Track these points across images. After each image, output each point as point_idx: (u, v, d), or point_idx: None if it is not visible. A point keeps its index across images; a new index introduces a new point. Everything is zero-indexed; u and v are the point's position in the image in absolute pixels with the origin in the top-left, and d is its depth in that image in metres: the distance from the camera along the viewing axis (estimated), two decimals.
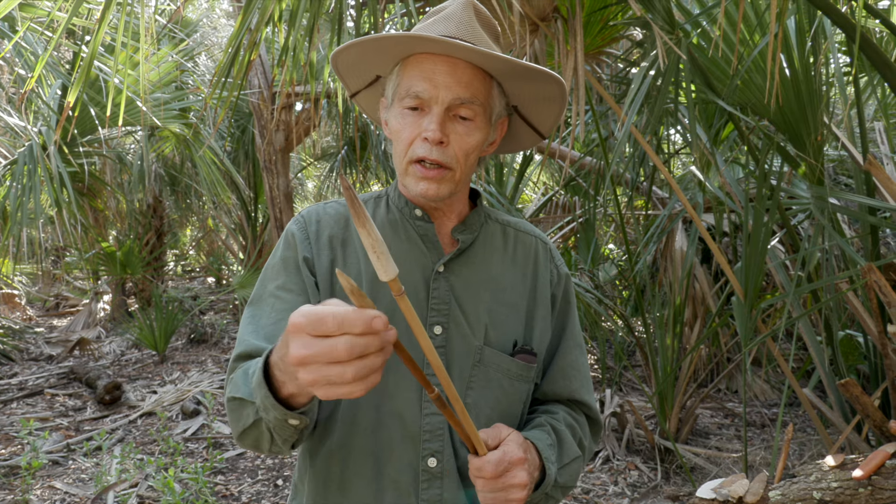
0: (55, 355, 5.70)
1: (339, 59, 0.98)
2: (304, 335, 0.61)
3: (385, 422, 0.92)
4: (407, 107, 0.92)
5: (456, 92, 0.90)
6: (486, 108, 0.94)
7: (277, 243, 1.01)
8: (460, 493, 0.92)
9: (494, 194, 3.80)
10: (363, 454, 0.92)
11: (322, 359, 0.60)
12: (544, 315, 1.04)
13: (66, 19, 2.03)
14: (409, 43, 0.90)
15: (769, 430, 3.78)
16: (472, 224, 1.03)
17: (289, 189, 6.16)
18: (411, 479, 0.91)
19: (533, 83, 0.97)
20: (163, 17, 6.36)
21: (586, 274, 5.36)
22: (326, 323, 0.60)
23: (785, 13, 1.82)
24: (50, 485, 3.11)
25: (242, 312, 6.48)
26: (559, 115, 1.03)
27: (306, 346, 0.60)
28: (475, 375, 0.95)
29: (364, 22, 2.59)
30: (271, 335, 0.90)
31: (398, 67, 0.94)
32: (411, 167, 0.93)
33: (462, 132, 0.92)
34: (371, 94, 1.06)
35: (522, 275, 1.04)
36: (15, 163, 4.61)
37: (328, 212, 1.02)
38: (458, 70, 0.90)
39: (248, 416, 0.81)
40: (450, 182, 0.94)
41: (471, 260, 1.00)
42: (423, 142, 0.91)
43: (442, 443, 0.92)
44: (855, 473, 1.51)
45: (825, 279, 2.35)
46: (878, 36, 3.20)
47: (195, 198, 7.78)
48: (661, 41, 2.02)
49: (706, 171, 3.35)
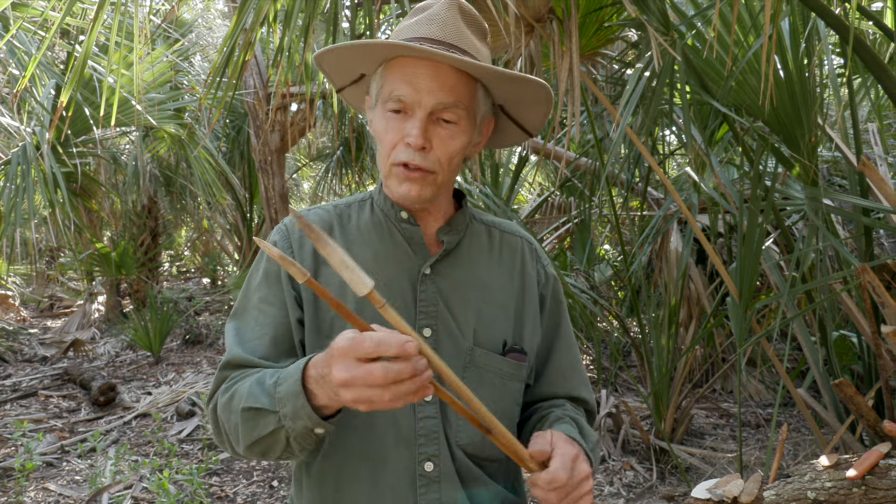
0: (49, 356, 5.67)
1: (323, 60, 0.98)
2: (347, 359, 0.69)
3: (379, 427, 0.91)
4: (390, 109, 0.91)
5: (439, 97, 0.89)
6: (471, 111, 0.93)
7: (259, 254, 1.01)
8: (458, 495, 0.92)
9: (490, 195, 3.80)
10: (359, 460, 0.91)
11: (362, 381, 0.68)
12: (533, 315, 1.04)
13: (60, 19, 2.02)
14: (390, 47, 0.89)
15: (764, 430, 3.79)
16: (457, 225, 1.02)
17: (284, 190, 6.15)
18: (408, 483, 0.91)
19: (517, 86, 0.96)
20: (157, 16, 6.33)
21: (582, 274, 5.37)
22: (364, 346, 0.68)
23: (779, 15, 1.83)
24: (44, 486, 3.10)
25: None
26: (546, 115, 1.02)
27: (348, 369, 0.68)
28: (467, 377, 0.95)
29: (359, 23, 2.59)
30: (255, 349, 0.92)
31: (382, 68, 0.94)
32: (394, 169, 0.93)
33: (445, 136, 0.91)
34: (356, 90, 1.06)
35: (510, 275, 1.04)
36: (8, 163, 4.59)
37: (311, 218, 1.01)
38: (442, 74, 0.89)
39: (265, 425, 0.81)
40: (432, 185, 0.93)
41: (457, 261, 1.00)
42: (405, 146, 0.90)
43: (438, 446, 0.92)
44: (849, 473, 1.51)
45: (819, 280, 2.35)
46: (871, 37, 3.22)
47: (190, 198, 7.75)
48: (656, 42, 2.02)
49: (701, 172, 3.36)
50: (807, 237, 2.35)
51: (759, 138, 2.48)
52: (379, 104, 0.94)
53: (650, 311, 3.57)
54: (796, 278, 2.37)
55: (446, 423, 0.93)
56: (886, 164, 3.00)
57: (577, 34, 2.23)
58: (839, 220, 3.30)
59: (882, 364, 2.05)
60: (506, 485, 1.00)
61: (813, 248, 2.38)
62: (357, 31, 2.54)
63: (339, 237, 0.99)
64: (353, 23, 2.51)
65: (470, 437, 0.94)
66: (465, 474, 0.94)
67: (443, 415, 0.93)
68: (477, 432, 0.93)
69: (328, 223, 1.01)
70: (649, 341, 3.55)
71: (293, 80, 4.99)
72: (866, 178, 2.23)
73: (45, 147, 4.50)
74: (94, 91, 5.08)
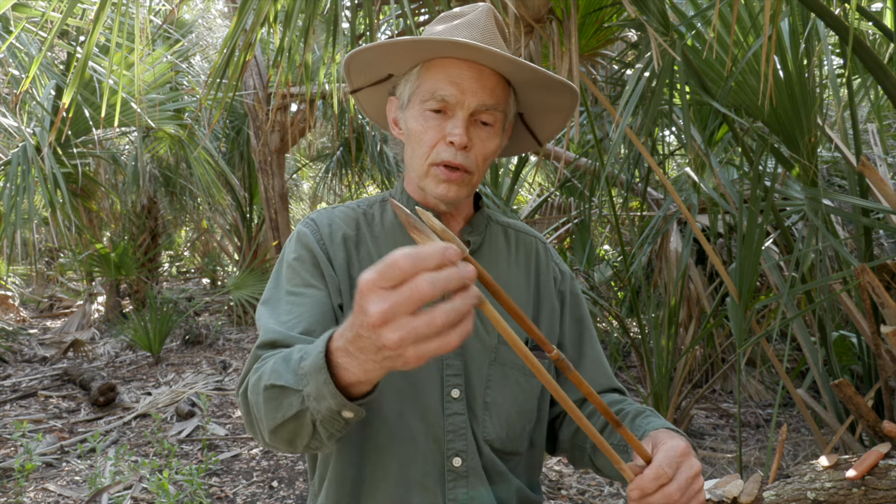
0: (49, 357, 5.67)
1: (358, 57, 0.97)
2: (379, 290, 0.53)
3: (408, 423, 0.92)
4: (430, 109, 0.93)
5: (482, 98, 0.91)
6: (505, 115, 0.96)
7: (286, 247, 1.00)
8: (485, 490, 0.93)
9: (490, 196, 3.80)
10: (387, 456, 0.92)
11: (406, 306, 0.52)
12: (549, 314, 1.05)
13: (61, 20, 2.02)
14: (443, 47, 0.90)
15: (764, 430, 3.79)
16: (478, 226, 1.05)
17: (284, 190, 6.16)
18: (437, 479, 0.92)
19: (547, 93, 0.98)
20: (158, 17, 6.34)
21: (581, 275, 5.37)
22: (399, 265, 0.52)
23: (779, 15, 1.83)
24: (43, 487, 3.09)
25: (237, 314, 6.42)
26: (563, 124, 1.05)
27: (385, 298, 0.52)
28: (492, 374, 0.97)
29: (359, 23, 2.59)
30: (295, 326, 0.86)
31: (418, 69, 0.94)
32: (433, 169, 0.94)
33: (484, 137, 0.93)
34: (374, 91, 1.06)
35: (526, 275, 1.06)
36: (9, 164, 4.59)
37: (338, 214, 1.02)
38: (484, 76, 0.91)
39: (289, 405, 0.71)
40: (467, 185, 0.95)
41: (480, 261, 1.02)
42: (447, 145, 0.92)
43: (466, 442, 0.93)
44: (849, 473, 1.51)
45: (819, 280, 2.35)
46: (871, 38, 3.22)
47: (190, 199, 7.76)
48: (655, 43, 2.02)
49: (701, 173, 3.36)
50: (806, 237, 2.35)
51: (759, 139, 2.48)
52: (416, 104, 0.95)
53: (650, 311, 3.57)
54: (796, 278, 2.37)
55: (473, 419, 0.95)
56: (886, 165, 3.00)
57: (576, 35, 2.23)
58: (839, 221, 3.31)
59: (882, 364, 2.05)
60: (525, 481, 1.02)
61: (812, 249, 2.38)
62: (357, 31, 2.54)
63: (366, 235, 1.00)
64: (353, 23, 2.51)
65: (496, 432, 0.96)
66: (490, 469, 0.95)
67: (469, 411, 0.95)
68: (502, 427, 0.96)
69: (354, 221, 1.02)
70: (649, 341, 3.55)
71: (293, 80, 4.99)
72: (866, 179, 2.23)
73: (45, 148, 4.50)
74: (95, 92, 5.09)
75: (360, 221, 1.02)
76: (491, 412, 0.96)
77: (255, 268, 6.67)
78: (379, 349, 0.55)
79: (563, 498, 3.01)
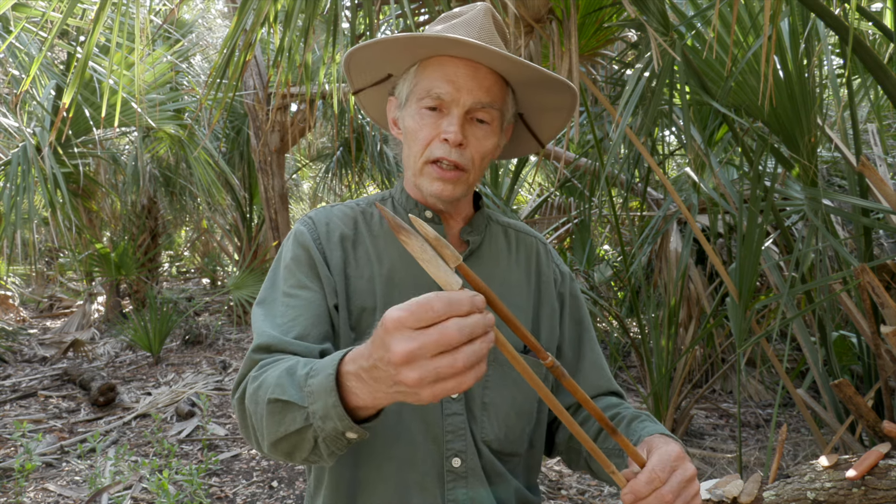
0: (49, 357, 5.67)
1: (357, 55, 0.97)
2: (407, 329, 0.54)
3: (407, 424, 0.92)
4: (425, 107, 0.92)
5: (477, 96, 0.90)
6: (502, 114, 0.95)
7: (283, 246, 1.00)
8: (485, 491, 0.93)
9: (490, 196, 3.80)
10: (385, 457, 0.92)
11: (431, 349, 0.53)
12: (549, 314, 1.05)
13: (61, 20, 2.02)
14: (439, 44, 0.89)
15: (763, 430, 3.79)
16: (478, 225, 1.04)
17: (284, 190, 6.15)
18: (436, 479, 0.92)
19: (546, 92, 0.98)
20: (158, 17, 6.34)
21: (581, 275, 5.38)
22: (434, 308, 0.53)
23: (778, 15, 1.83)
24: (43, 487, 3.09)
25: (237, 314, 6.41)
26: (564, 124, 1.05)
27: (412, 338, 0.54)
28: (491, 374, 0.96)
29: (359, 23, 2.59)
30: (289, 329, 0.87)
31: (415, 67, 0.94)
32: (427, 167, 0.94)
33: (480, 135, 0.93)
34: (375, 92, 1.06)
35: (526, 275, 1.06)
36: (9, 163, 4.59)
37: (336, 213, 1.02)
38: (480, 74, 0.91)
39: (292, 421, 0.71)
40: (464, 184, 0.95)
41: (480, 261, 1.02)
42: (441, 143, 0.91)
43: (465, 442, 0.93)
44: (848, 473, 1.51)
45: (819, 280, 2.35)
46: (871, 38, 3.22)
47: (190, 199, 7.76)
48: (655, 43, 2.02)
49: (701, 173, 3.36)
50: (806, 237, 2.35)
51: (759, 139, 2.48)
52: (412, 102, 0.95)
53: (650, 311, 3.57)
54: (796, 279, 2.37)
55: (472, 420, 0.95)
56: (886, 165, 3.00)
57: (576, 35, 2.23)
58: (839, 221, 3.31)
59: (881, 364, 2.05)
60: (524, 482, 1.02)
61: (812, 249, 2.38)
62: (357, 31, 2.54)
63: (364, 235, 1.00)
64: (353, 23, 2.51)
65: (494, 432, 0.96)
66: (489, 470, 0.95)
67: (468, 412, 0.95)
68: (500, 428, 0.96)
69: (353, 220, 1.02)
70: (649, 342, 3.55)
71: (293, 80, 4.99)
72: (866, 179, 2.23)
73: (45, 148, 4.50)
74: (95, 92, 5.09)
75: (358, 221, 1.02)
76: (489, 413, 0.96)
77: (254, 268, 6.67)
78: (395, 383, 0.57)
79: (563, 498, 3.01)
